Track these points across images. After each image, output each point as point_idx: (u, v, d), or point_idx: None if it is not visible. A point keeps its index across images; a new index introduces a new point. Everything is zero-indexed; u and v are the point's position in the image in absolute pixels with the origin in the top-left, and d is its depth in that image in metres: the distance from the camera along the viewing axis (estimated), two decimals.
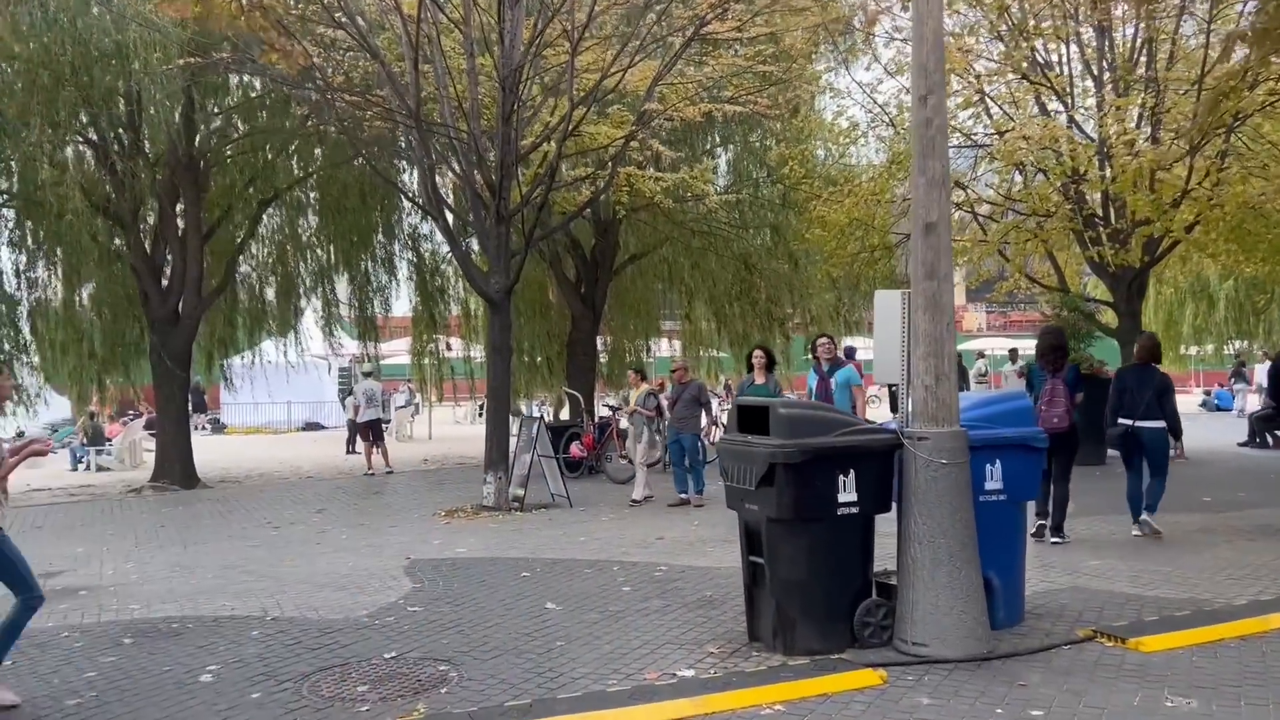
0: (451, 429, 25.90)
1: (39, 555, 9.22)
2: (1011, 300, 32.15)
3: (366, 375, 15.95)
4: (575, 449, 13.45)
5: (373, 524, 10.47)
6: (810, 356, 9.91)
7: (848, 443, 5.49)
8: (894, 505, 5.63)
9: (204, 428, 28.48)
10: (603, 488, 12.83)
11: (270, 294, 17.99)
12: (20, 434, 22.18)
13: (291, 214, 17.11)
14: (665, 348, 22.17)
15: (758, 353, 9.82)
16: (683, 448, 11.04)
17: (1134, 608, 6.26)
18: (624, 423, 13.12)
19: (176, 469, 14.87)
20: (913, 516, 5.46)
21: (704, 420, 13.51)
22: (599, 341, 19.02)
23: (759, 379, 9.61)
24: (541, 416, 12.58)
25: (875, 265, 15.78)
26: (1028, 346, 31.83)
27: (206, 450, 22.50)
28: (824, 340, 9.93)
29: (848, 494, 5.48)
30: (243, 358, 19.90)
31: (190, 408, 30.03)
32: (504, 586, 7.32)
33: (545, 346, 19.19)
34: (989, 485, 5.89)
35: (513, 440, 11.79)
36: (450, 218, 12.56)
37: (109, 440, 19.37)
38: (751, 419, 5.71)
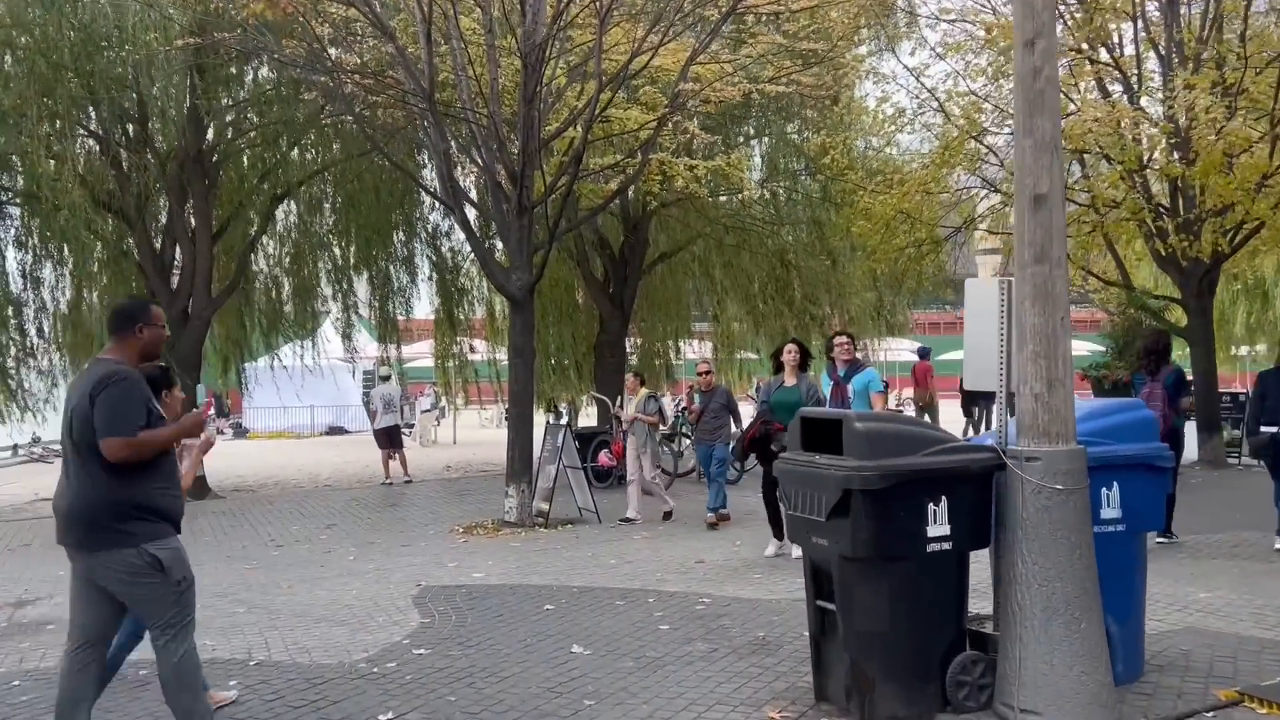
0: (476, 433, 24.98)
1: (19, 578, 8.40)
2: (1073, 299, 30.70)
3: (384, 379, 15.05)
4: (604, 457, 12.43)
5: (384, 542, 9.52)
6: (825, 358, 8.18)
7: (940, 464, 4.45)
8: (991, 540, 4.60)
9: (225, 432, 27.79)
10: (623, 502, 11.79)
11: (286, 294, 17.16)
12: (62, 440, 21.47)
13: (307, 211, 16.27)
14: (696, 349, 21.11)
15: (789, 348, 8.07)
16: (718, 459, 9.93)
17: (1274, 657, 5.17)
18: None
19: None
20: (1019, 554, 4.41)
21: (733, 428, 12.27)
22: (628, 343, 18.03)
23: (789, 380, 8.00)
24: (568, 424, 11.52)
25: (922, 260, 14.67)
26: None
27: (225, 456, 21.77)
28: (842, 339, 7.97)
29: (939, 526, 4.44)
30: (261, 361, 19.14)
31: (216, 412, 29.66)
32: (524, 623, 6.33)
33: (572, 349, 18.20)
34: (1105, 514, 4.83)
35: (538, 447, 10.84)
36: (470, 211, 11.60)
37: None
38: (819, 434, 4.69)
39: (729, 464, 10.22)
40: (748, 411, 10.96)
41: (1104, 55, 12.70)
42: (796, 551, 7.32)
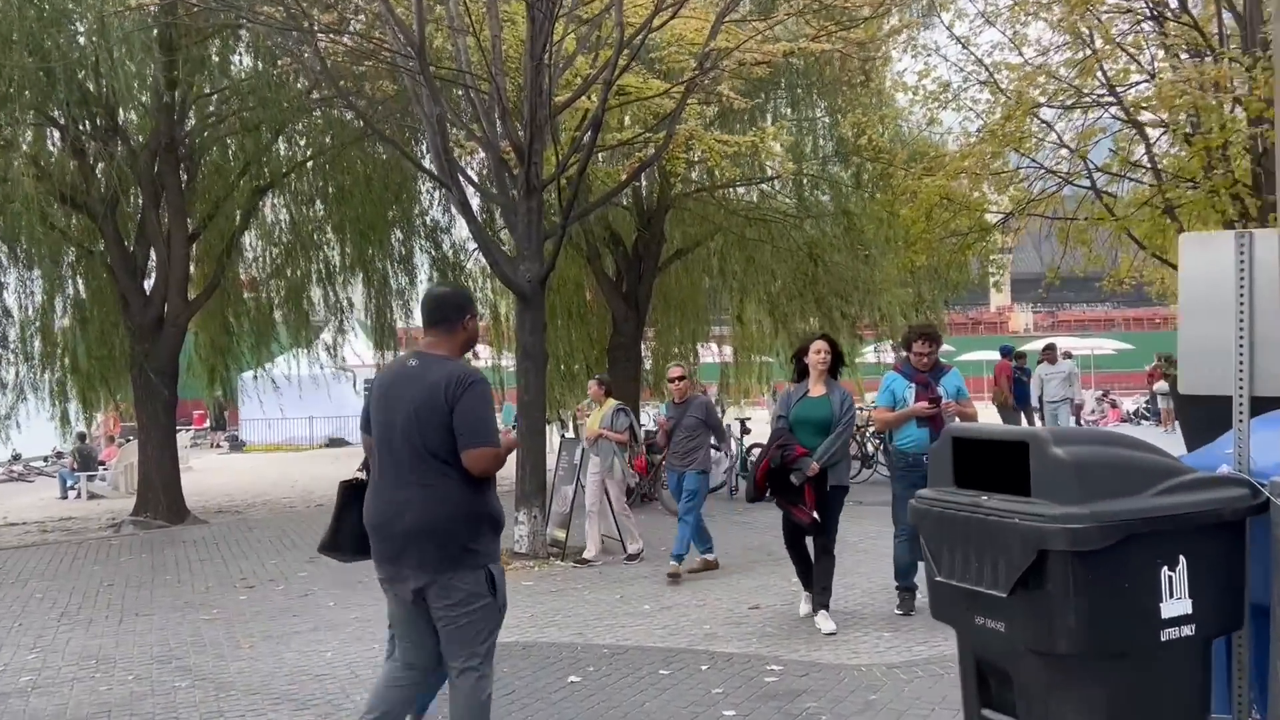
0: None
1: None
2: (1105, 295, 29.09)
3: None
4: None
5: (371, 582, 7.85)
6: (905, 354, 6.36)
7: (1178, 507, 2.89)
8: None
9: (221, 445, 26.26)
10: (661, 523, 10.20)
11: (276, 298, 15.59)
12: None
13: (295, 207, 14.73)
14: (716, 353, 19.52)
15: (817, 346, 5.91)
16: (688, 491, 7.64)
17: None
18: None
19: (161, 501, 12.46)
20: None
21: (718, 449, 9.87)
22: (642, 346, 16.46)
23: (815, 389, 5.89)
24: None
25: (968, 250, 13.07)
26: (1083, 346, 28.96)
27: (216, 472, 20.28)
28: (926, 335, 6.07)
29: (1177, 602, 2.88)
30: (254, 371, 17.62)
31: (211, 425, 28.13)
32: (543, 705, 4.76)
33: (584, 352, 16.63)
34: None
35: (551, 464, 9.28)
36: (473, 201, 10.04)
37: (103, 464, 17.03)
38: (983, 460, 3.12)
39: (703, 496, 7.82)
40: (758, 431, 9.28)
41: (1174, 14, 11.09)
42: (828, 625, 5.76)
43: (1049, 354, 15.56)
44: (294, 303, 15.40)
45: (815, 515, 5.62)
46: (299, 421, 24.67)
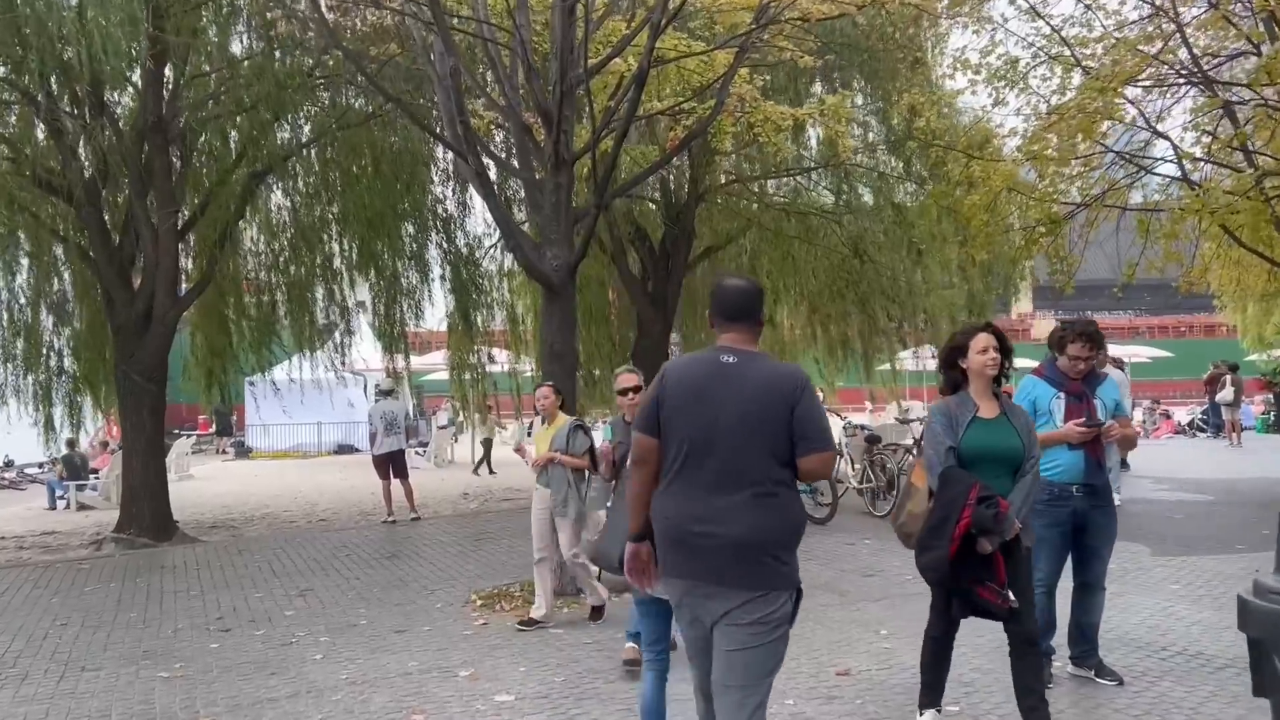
0: (498, 451, 21.95)
1: None
2: (1124, 302, 27.52)
3: (385, 394, 12.01)
4: None
5: (370, 624, 6.56)
6: (1051, 356, 4.72)
7: None
8: None
9: (227, 452, 24.97)
10: None
11: (279, 295, 14.27)
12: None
13: (299, 197, 13.42)
14: None
15: (983, 342, 3.89)
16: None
17: None
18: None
19: (146, 516, 11.13)
20: None
21: None
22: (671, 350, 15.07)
23: (988, 407, 3.90)
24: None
25: (1034, 245, 11.64)
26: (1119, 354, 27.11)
27: (216, 480, 18.97)
28: (1086, 334, 4.50)
29: None
30: (255, 375, 16.35)
31: (216, 430, 26.82)
32: None
33: (609, 356, 15.24)
34: None
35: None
36: (491, 175, 8.66)
37: (94, 473, 15.72)
38: None
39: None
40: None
41: None
42: None
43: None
44: (297, 301, 14.06)
45: (1012, 596, 3.76)
46: (308, 427, 23.38)
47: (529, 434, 11.42)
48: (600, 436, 7.09)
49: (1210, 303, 22.83)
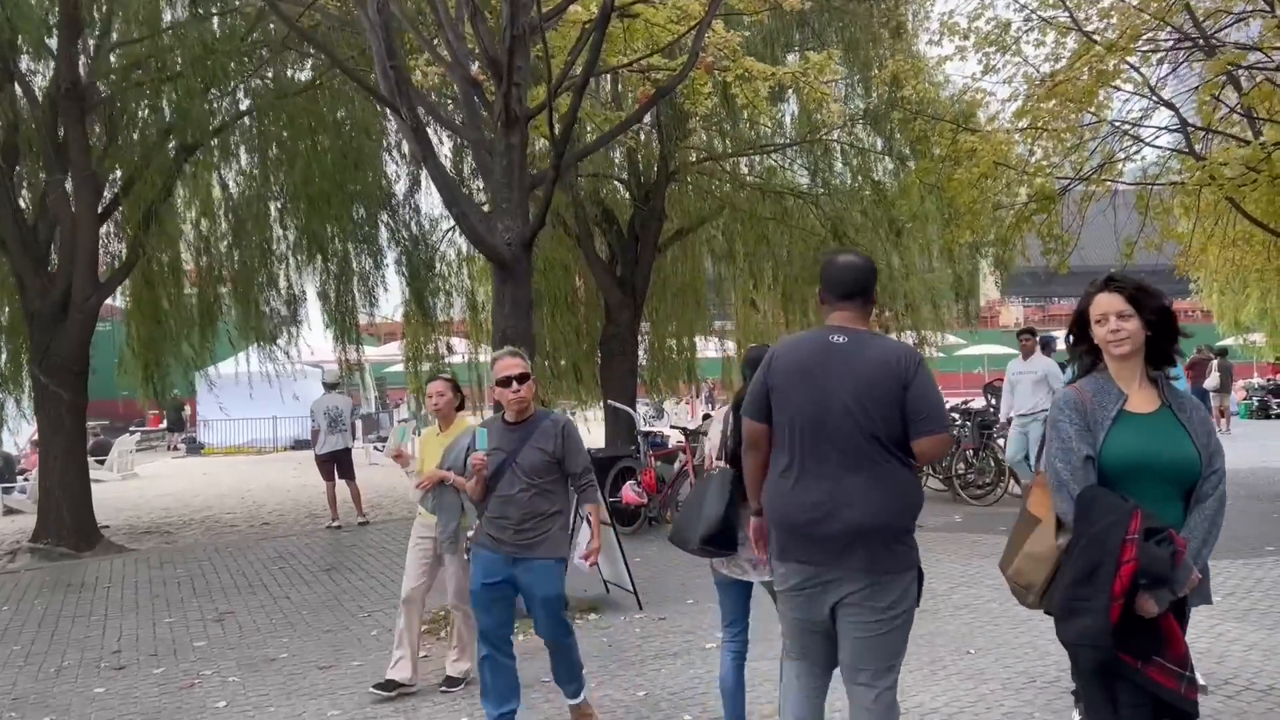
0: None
1: None
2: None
3: (330, 389, 10.89)
4: (630, 492, 8.46)
5: (291, 658, 5.55)
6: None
7: None
8: None
9: (178, 448, 23.67)
10: (677, 559, 7.85)
11: (217, 282, 13.12)
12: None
13: (238, 175, 12.31)
14: (718, 348, 17.13)
15: (1108, 303, 2.65)
16: (542, 600, 3.94)
17: None
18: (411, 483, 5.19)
19: (67, 523, 9.99)
20: None
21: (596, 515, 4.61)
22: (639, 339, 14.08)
23: (1140, 396, 2.67)
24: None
25: (1025, 224, 10.80)
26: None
27: (163, 479, 17.71)
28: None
29: None
30: (219, 367, 15.16)
31: (168, 426, 25.42)
32: None
33: (573, 347, 14.25)
34: None
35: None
36: (427, 134, 7.62)
37: (23, 474, 14.48)
38: None
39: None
40: None
41: None
42: None
43: (1027, 342, 9.64)
44: (242, 288, 12.93)
45: (1191, 675, 2.52)
46: (262, 423, 22.16)
47: (417, 433, 9.50)
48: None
49: (1180, 288, 22.22)
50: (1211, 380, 16.00)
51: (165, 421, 24.45)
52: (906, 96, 10.35)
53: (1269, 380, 19.94)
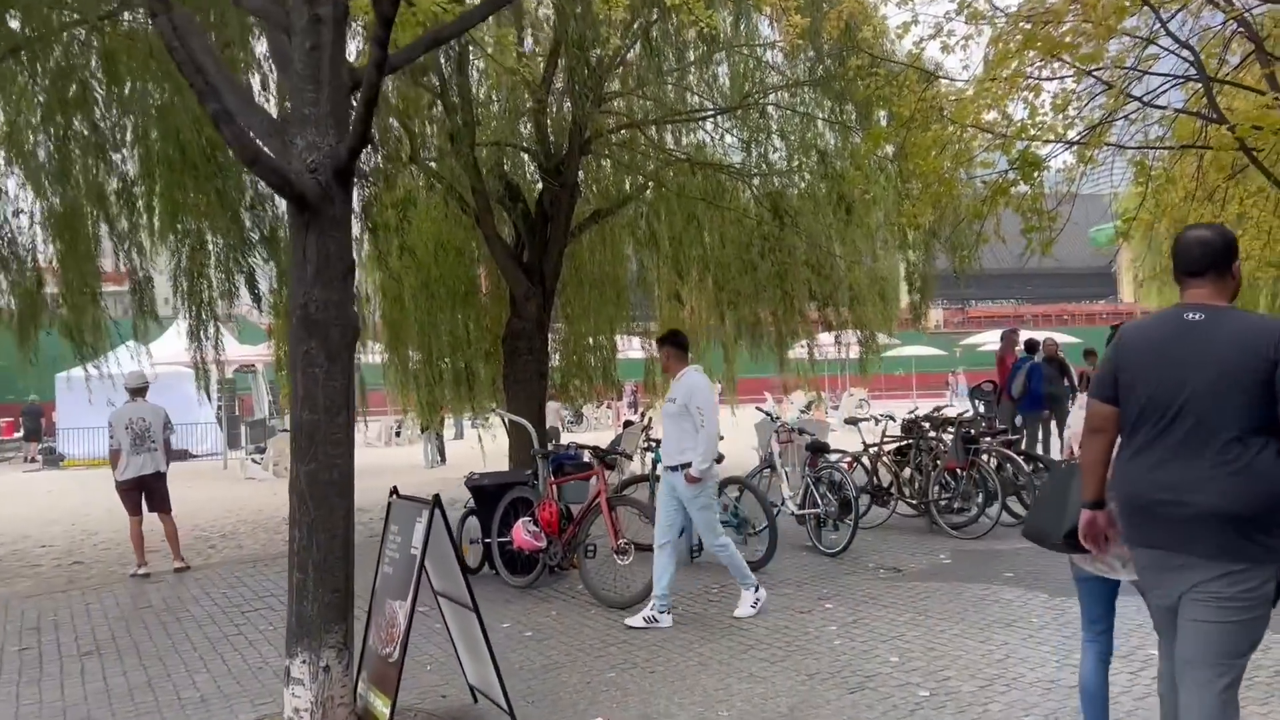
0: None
1: None
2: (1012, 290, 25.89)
3: (134, 394, 8.18)
4: (523, 533, 6.18)
5: None
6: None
7: None
8: None
9: (35, 460, 20.51)
10: (589, 621, 5.62)
11: (52, 267, 10.47)
12: None
13: (55, 129, 9.67)
14: (643, 346, 14.93)
15: None
16: None
17: None
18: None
19: None
20: None
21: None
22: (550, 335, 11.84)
23: None
24: (436, 498, 4.56)
25: (1000, 197, 8.90)
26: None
27: (6, 499, 14.78)
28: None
29: None
30: (77, 370, 12.40)
31: (24, 435, 22.18)
32: None
33: (471, 345, 11.93)
34: None
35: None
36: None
37: None
38: None
39: None
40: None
41: None
42: None
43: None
44: (78, 271, 10.25)
45: None
46: None
47: None
48: None
49: (1110, 290, 20.99)
50: None
51: (20, 430, 21.21)
52: (865, 38, 8.33)
53: None
